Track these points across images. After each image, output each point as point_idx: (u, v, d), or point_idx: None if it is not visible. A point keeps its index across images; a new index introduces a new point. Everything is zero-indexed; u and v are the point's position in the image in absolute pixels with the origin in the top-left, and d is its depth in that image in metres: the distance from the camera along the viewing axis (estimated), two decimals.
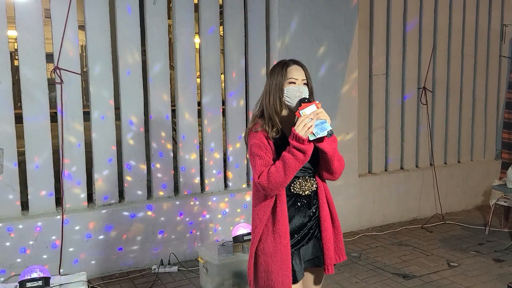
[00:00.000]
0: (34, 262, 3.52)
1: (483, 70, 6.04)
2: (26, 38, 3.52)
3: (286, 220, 2.03)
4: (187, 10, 4.09)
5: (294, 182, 2.08)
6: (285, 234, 2.02)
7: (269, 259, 2.03)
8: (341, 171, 2.13)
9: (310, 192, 2.11)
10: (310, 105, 1.94)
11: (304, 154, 1.92)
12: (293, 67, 2.08)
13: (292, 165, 1.93)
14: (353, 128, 4.88)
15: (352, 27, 4.74)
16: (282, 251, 2.01)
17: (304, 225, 2.10)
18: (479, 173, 5.99)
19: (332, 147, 2.02)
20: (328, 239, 2.12)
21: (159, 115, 4.06)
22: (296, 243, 2.08)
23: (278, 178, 1.94)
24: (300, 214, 2.10)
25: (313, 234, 2.13)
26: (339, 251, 2.20)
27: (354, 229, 5.00)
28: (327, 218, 2.14)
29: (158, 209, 4.03)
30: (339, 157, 2.11)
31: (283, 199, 2.04)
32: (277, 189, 1.98)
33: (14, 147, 3.54)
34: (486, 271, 3.92)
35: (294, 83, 2.06)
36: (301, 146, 1.91)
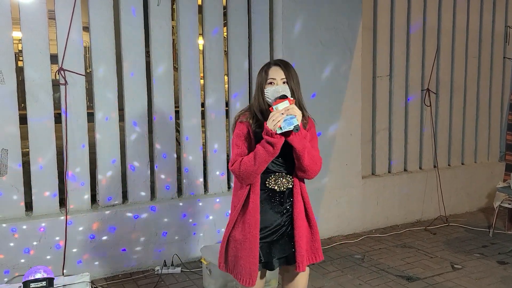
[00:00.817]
0: (38, 262, 3.52)
1: (487, 71, 6.02)
2: (30, 39, 3.54)
3: (257, 212, 2.15)
4: (191, 12, 4.10)
5: (270, 177, 2.19)
6: (255, 224, 2.14)
7: (239, 245, 2.18)
8: (316, 170, 2.18)
9: (285, 189, 2.20)
10: (283, 101, 2.06)
11: (273, 147, 2.04)
12: (272, 68, 2.21)
13: (262, 157, 2.06)
14: (356, 130, 4.87)
15: (356, 29, 4.74)
16: (251, 240, 2.14)
17: (276, 220, 2.20)
18: (483, 175, 5.97)
19: (301, 143, 2.09)
20: (300, 237, 2.20)
21: (163, 116, 4.07)
22: (266, 236, 2.19)
23: (249, 167, 2.08)
24: (274, 209, 2.21)
25: (286, 231, 2.22)
26: (315, 251, 2.27)
27: (357, 231, 4.99)
28: (300, 217, 2.21)
29: (162, 210, 4.03)
30: (313, 156, 2.16)
31: (257, 191, 2.16)
32: (248, 179, 2.12)
33: (18, 148, 3.55)
34: (490, 273, 3.90)
35: (272, 83, 2.18)
36: (270, 139, 2.03)
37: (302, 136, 2.08)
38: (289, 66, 2.24)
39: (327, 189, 4.76)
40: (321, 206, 4.74)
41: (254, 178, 2.13)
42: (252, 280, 2.16)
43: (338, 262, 4.16)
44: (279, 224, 2.21)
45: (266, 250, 2.21)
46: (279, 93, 2.14)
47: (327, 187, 4.75)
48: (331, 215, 4.81)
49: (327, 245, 4.56)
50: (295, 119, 2.02)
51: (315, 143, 2.26)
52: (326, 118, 4.66)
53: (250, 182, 2.14)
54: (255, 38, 4.41)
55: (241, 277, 2.19)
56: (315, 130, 2.31)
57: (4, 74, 3.46)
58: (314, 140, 2.26)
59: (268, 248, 2.21)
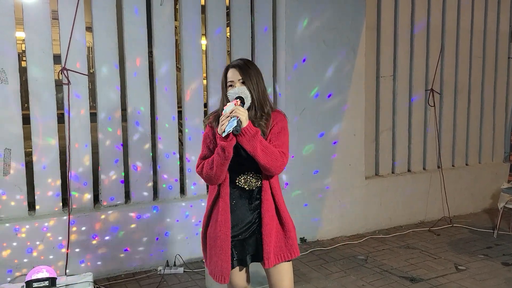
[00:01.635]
0: (41, 262, 3.53)
1: (492, 72, 5.99)
2: (34, 39, 3.54)
3: (227, 211, 2.20)
4: (194, 12, 4.09)
5: (239, 176, 2.22)
6: (225, 223, 2.19)
7: (212, 242, 2.25)
8: (276, 166, 2.15)
9: (254, 188, 2.23)
10: (230, 104, 2.09)
11: (223, 150, 2.06)
12: (230, 70, 2.25)
13: (217, 161, 2.10)
14: (360, 130, 4.85)
15: (359, 28, 4.73)
16: (222, 238, 2.20)
17: (246, 218, 2.24)
18: (487, 175, 5.94)
19: (250, 143, 2.07)
20: (267, 234, 2.22)
21: (166, 117, 4.06)
22: (239, 233, 2.24)
23: (208, 171, 2.15)
24: (244, 207, 2.25)
25: (256, 228, 2.25)
26: (289, 247, 2.28)
27: (360, 232, 4.97)
28: (268, 214, 2.22)
29: (164, 210, 4.03)
30: (271, 153, 2.13)
31: (226, 190, 2.21)
32: (211, 181, 2.19)
33: (21, 147, 3.56)
34: (495, 275, 3.88)
35: (231, 86, 2.22)
36: (220, 142, 2.07)
37: (250, 136, 2.06)
38: (246, 66, 2.24)
39: (330, 190, 4.74)
40: (324, 206, 4.73)
41: (217, 180, 2.17)
42: (224, 278, 2.21)
43: (341, 263, 4.14)
44: (250, 222, 2.25)
45: (239, 247, 2.26)
46: (237, 94, 2.17)
47: (330, 187, 4.73)
48: (334, 216, 4.79)
49: (330, 246, 4.54)
50: (235, 120, 2.02)
51: (280, 138, 2.22)
52: (329, 118, 4.64)
53: (215, 183, 2.21)
54: (258, 38, 4.40)
55: (215, 274, 2.25)
56: (283, 124, 2.26)
57: (8, 74, 3.47)
58: (279, 135, 2.22)
59: (241, 245, 2.26)
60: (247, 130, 2.05)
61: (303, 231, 4.61)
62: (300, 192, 4.58)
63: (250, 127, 2.07)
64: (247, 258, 2.28)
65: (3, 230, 3.48)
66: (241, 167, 2.21)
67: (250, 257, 2.29)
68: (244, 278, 2.39)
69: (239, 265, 2.30)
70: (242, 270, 2.36)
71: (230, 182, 2.22)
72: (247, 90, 2.19)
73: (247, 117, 2.07)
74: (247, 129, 2.05)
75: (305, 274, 3.88)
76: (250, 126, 2.07)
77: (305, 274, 3.90)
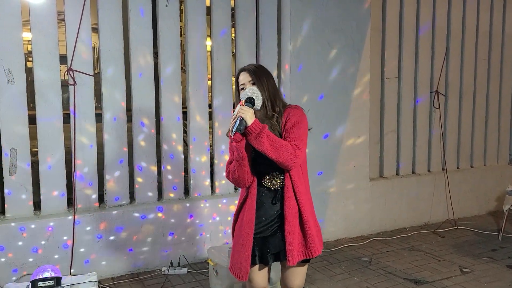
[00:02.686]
0: (46, 262, 3.55)
1: (497, 73, 5.97)
2: (40, 40, 3.56)
3: (253, 211, 2.29)
4: (199, 13, 4.11)
5: (265, 177, 2.30)
6: (249, 223, 2.28)
7: (236, 239, 2.35)
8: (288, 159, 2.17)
9: (278, 188, 2.30)
10: (238, 106, 2.17)
11: (237, 151, 2.17)
12: (241, 74, 2.31)
13: (236, 162, 2.22)
14: (364, 132, 4.85)
15: (364, 30, 4.72)
16: (244, 236, 2.28)
17: (268, 216, 2.30)
18: (492, 178, 5.91)
19: (257, 141, 2.11)
20: (290, 232, 2.26)
21: (170, 117, 4.08)
22: (261, 230, 2.30)
23: (232, 175, 2.27)
24: (268, 206, 2.31)
25: (278, 227, 2.30)
26: (309, 246, 2.30)
27: (364, 234, 4.96)
28: (290, 212, 2.27)
29: (169, 211, 4.04)
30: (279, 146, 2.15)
31: (253, 192, 2.29)
32: (238, 184, 2.30)
33: (27, 147, 3.58)
34: (500, 277, 3.86)
35: (243, 89, 2.28)
36: (233, 144, 2.18)
37: (256, 133, 2.09)
38: (256, 68, 2.30)
39: (335, 191, 4.74)
40: (328, 208, 4.72)
41: (244, 182, 2.27)
42: (242, 276, 2.27)
43: (345, 265, 4.14)
44: (272, 220, 2.30)
45: (261, 245, 2.31)
46: (248, 94, 2.22)
47: (334, 189, 4.73)
48: (338, 217, 4.79)
49: (334, 247, 4.54)
50: (240, 120, 2.09)
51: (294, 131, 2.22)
52: (333, 120, 4.64)
53: (243, 186, 2.31)
54: (263, 39, 4.41)
55: (234, 270, 2.32)
56: (297, 118, 2.26)
57: (14, 74, 3.49)
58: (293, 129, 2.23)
59: (262, 243, 2.31)
60: (252, 128, 2.09)
61: None
62: None
63: (255, 124, 2.10)
64: (268, 257, 2.31)
65: (8, 229, 3.50)
66: (266, 168, 2.27)
67: (272, 256, 2.32)
68: (263, 278, 2.41)
69: (261, 263, 2.33)
70: (263, 269, 2.39)
71: (257, 183, 2.31)
72: (258, 90, 2.24)
73: (251, 116, 2.11)
74: (252, 127, 2.09)
75: (309, 276, 3.88)
76: (256, 124, 2.10)
77: (309, 275, 3.89)
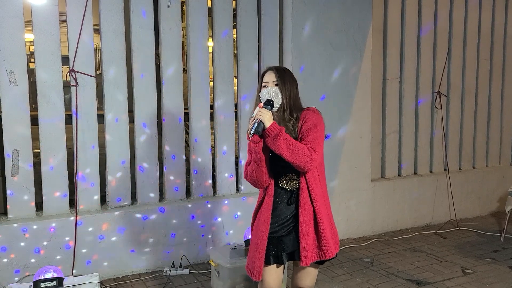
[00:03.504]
0: (48, 262, 3.56)
1: (499, 74, 5.96)
2: (42, 41, 3.57)
3: (269, 211, 2.31)
4: (200, 14, 4.11)
5: (281, 178, 2.32)
6: (265, 222, 2.30)
7: (253, 238, 2.38)
8: (304, 162, 2.19)
9: (294, 189, 2.32)
10: (257, 108, 2.20)
11: (255, 152, 2.19)
12: (267, 72, 2.33)
13: (254, 163, 2.23)
14: (366, 133, 4.85)
15: (366, 30, 4.72)
16: (259, 236, 2.31)
17: (284, 216, 2.32)
18: (494, 179, 5.90)
19: (274, 143, 2.14)
20: (304, 233, 2.27)
21: (172, 118, 4.08)
22: (276, 230, 2.32)
23: (251, 175, 2.29)
24: (283, 206, 2.33)
25: (293, 227, 2.32)
26: (323, 248, 2.31)
27: (366, 234, 4.96)
28: (305, 213, 2.28)
29: (170, 212, 4.04)
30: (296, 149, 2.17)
31: (271, 193, 2.32)
32: (256, 185, 2.32)
33: (29, 148, 3.59)
34: (502, 278, 3.85)
35: (266, 86, 2.30)
36: (250, 145, 2.19)
37: (274, 135, 2.12)
38: (283, 70, 2.33)
39: (336, 192, 4.74)
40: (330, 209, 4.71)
41: (261, 183, 2.29)
42: (255, 275, 2.30)
43: (347, 266, 4.13)
44: (287, 220, 2.32)
45: (275, 243, 2.32)
46: (269, 94, 2.25)
47: (336, 189, 4.73)
48: (340, 218, 4.79)
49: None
50: (258, 122, 2.12)
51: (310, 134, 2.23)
52: (335, 121, 4.64)
53: (261, 187, 2.33)
54: (264, 40, 4.41)
55: (248, 269, 2.36)
56: (313, 121, 2.26)
57: (16, 75, 3.50)
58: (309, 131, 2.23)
59: (277, 242, 2.32)
60: (270, 130, 2.12)
61: None
62: None
63: (273, 126, 2.13)
64: (282, 256, 2.33)
65: (11, 230, 3.50)
66: (284, 169, 2.29)
67: (286, 255, 2.34)
68: (277, 278, 2.40)
69: (275, 262, 2.34)
70: (277, 269, 2.38)
71: (274, 184, 2.33)
72: (279, 91, 2.26)
73: (270, 118, 2.14)
74: (270, 129, 2.13)
75: None
76: (274, 126, 2.13)
77: None
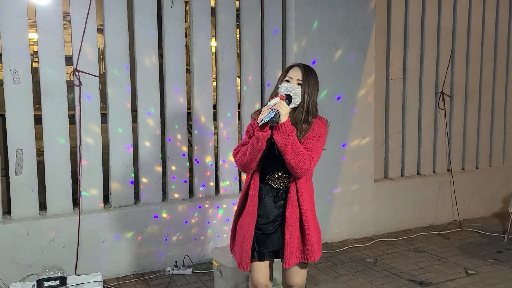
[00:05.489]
0: (51, 261, 3.57)
1: (503, 74, 5.94)
2: (46, 40, 3.58)
3: (255, 203, 2.29)
4: (204, 14, 4.11)
5: (270, 174, 2.31)
6: (252, 214, 2.29)
7: (239, 230, 2.37)
8: (302, 168, 2.17)
9: (281, 187, 2.31)
10: (276, 97, 2.16)
11: (258, 141, 2.13)
12: (293, 68, 2.30)
13: (250, 150, 2.17)
14: (369, 133, 4.84)
15: (369, 31, 4.71)
16: (246, 228, 2.30)
17: (271, 214, 2.31)
18: (498, 179, 5.89)
19: (283, 139, 2.12)
20: (290, 235, 2.26)
21: (175, 118, 4.08)
22: (263, 227, 2.31)
23: (241, 156, 2.23)
24: (269, 204, 2.32)
25: (279, 226, 2.31)
26: (306, 251, 2.31)
27: (369, 235, 4.95)
28: (292, 216, 2.27)
29: (173, 211, 4.05)
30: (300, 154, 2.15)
31: (256, 185, 2.30)
32: (242, 167, 2.27)
33: (33, 148, 3.60)
34: (505, 279, 3.84)
35: (288, 81, 2.27)
36: (256, 132, 2.13)
37: (286, 133, 2.10)
38: (310, 71, 2.29)
39: (339, 192, 4.73)
40: (333, 209, 4.71)
41: (248, 167, 2.25)
42: (244, 266, 2.30)
43: (349, 266, 4.13)
44: (274, 219, 2.32)
45: (261, 241, 2.32)
46: (289, 90, 2.21)
47: (339, 190, 4.72)
48: (343, 218, 4.78)
49: (339, 248, 4.53)
50: (274, 112, 2.06)
51: (313, 142, 2.23)
52: (338, 121, 4.63)
53: (246, 170, 2.29)
54: (267, 40, 4.41)
55: (237, 261, 2.36)
56: (319, 131, 2.27)
57: (20, 75, 3.51)
58: (313, 139, 2.24)
59: (263, 239, 2.32)
60: (284, 126, 2.10)
61: None
62: None
63: (287, 124, 2.11)
64: (266, 253, 2.33)
65: (14, 229, 3.51)
66: (273, 166, 2.28)
67: (270, 253, 2.34)
68: (265, 274, 2.41)
69: (259, 259, 2.35)
70: (264, 265, 2.38)
71: (260, 178, 2.31)
72: (300, 92, 2.23)
73: (286, 114, 2.12)
74: (284, 125, 2.10)
75: (314, 277, 3.88)
76: (288, 124, 2.12)
77: (314, 276, 3.89)
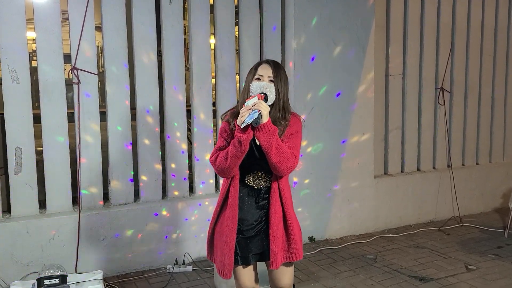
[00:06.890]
0: (51, 260, 3.56)
1: (503, 70, 5.93)
2: (44, 39, 3.57)
3: (235, 207, 2.22)
4: (202, 11, 4.10)
5: (249, 174, 2.24)
6: (232, 219, 2.22)
7: (218, 237, 2.29)
8: (286, 167, 2.15)
9: (262, 188, 2.26)
10: (253, 97, 2.10)
11: (240, 143, 2.06)
12: (262, 65, 2.24)
13: (232, 153, 2.09)
14: (369, 129, 4.83)
15: (369, 27, 4.70)
16: (227, 233, 2.22)
17: (253, 216, 2.26)
18: (498, 175, 5.88)
19: (267, 139, 2.08)
20: (275, 236, 2.23)
21: (174, 116, 4.08)
22: (245, 230, 2.26)
23: (221, 162, 2.15)
24: (252, 205, 2.26)
25: (262, 228, 2.26)
26: (291, 251, 2.29)
27: (369, 231, 4.95)
28: (275, 216, 2.24)
29: (173, 209, 4.05)
30: (283, 153, 2.13)
31: (236, 188, 2.22)
32: (223, 173, 2.19)
33: (32, 146, 3.59)
34: (506, 275, 3.84)
35: (259, 79, 2.21)
36: (237, 134, 2.06)
37: (269, 133, 2.07)
38: (279, 67, 2.26)
39: (339, 189, 4.73)
40: (333, 205, 4.71)
41: (229, 172, 2.18)
42: (226, 273, 2.24)
43: (350, 262, 4.13)
44: (256, 220, 2.27)
45: (243, 245, 2.27)
46: (263, 88, 2.16)
47: (339, 186, 4.72)
48: (343, 215, 4.78)
49: (339, 245, 4.53)
50: (256, 113, 2.02)
51: (293, 139, 2.23)
52: (338, 117, 4.62)
53: (226, 176, 2.23)
54: (266, 37, 4.40)
55: (218, 268, 2.28)
56: (297, 127, 2.27)
57: (19, 73, 3.50)
58: (291, 137, 2.23)
59: (245, 243, 2.27)
60: (267, 126, 2.07)
61: (312, 230, 4.60)
62: (309, 191, 4.57)
63: (270, 124, 2.08)
64: (250, 257, 2.29)
65: (14, 228, 3.51)
66: (252, 166, 2.23)
67: (254, 256, 2.30)
68: (251, 277, 2.38)
69: (243, 263, 2.31)
70: (248, 268, 2.35)
71: (240, 180, 2.24)
72: (273, 89, 2.20)
73: (267, 114, 2.08)
74: (267, 125, 2.07)
75: (314, 273, 3.88)
76: (270, 123, 2.09)
77: (314, 273, 3.89)
